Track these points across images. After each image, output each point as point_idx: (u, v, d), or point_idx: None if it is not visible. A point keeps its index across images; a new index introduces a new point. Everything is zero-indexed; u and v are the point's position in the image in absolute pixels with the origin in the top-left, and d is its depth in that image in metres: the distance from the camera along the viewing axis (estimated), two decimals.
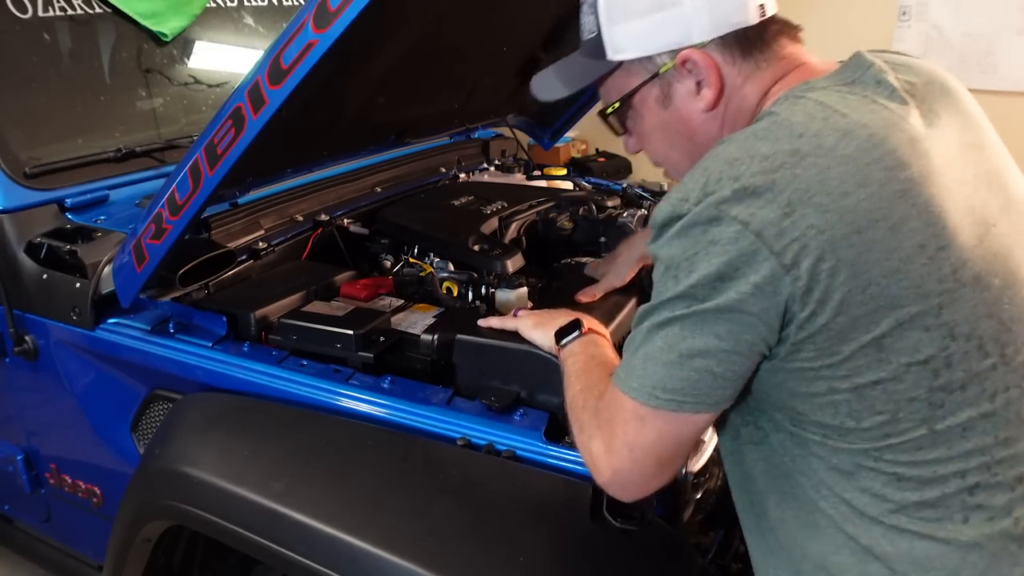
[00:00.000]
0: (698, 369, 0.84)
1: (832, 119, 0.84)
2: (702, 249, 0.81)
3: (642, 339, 0.87)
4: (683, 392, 0.84)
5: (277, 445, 1.22)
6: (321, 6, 1.05)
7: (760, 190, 0.79)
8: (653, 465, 0.89)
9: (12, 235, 1.54)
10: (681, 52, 0.94)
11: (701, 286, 0.81)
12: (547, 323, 1.21)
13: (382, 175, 2.10)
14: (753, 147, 0.83)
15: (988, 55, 3.26)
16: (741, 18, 0.93)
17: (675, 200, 0.84)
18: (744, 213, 0.79)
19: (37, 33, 1.71)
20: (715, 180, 0.82)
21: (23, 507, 1.92)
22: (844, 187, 0.80)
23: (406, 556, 0.99)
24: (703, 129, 0.99)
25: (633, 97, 1.00)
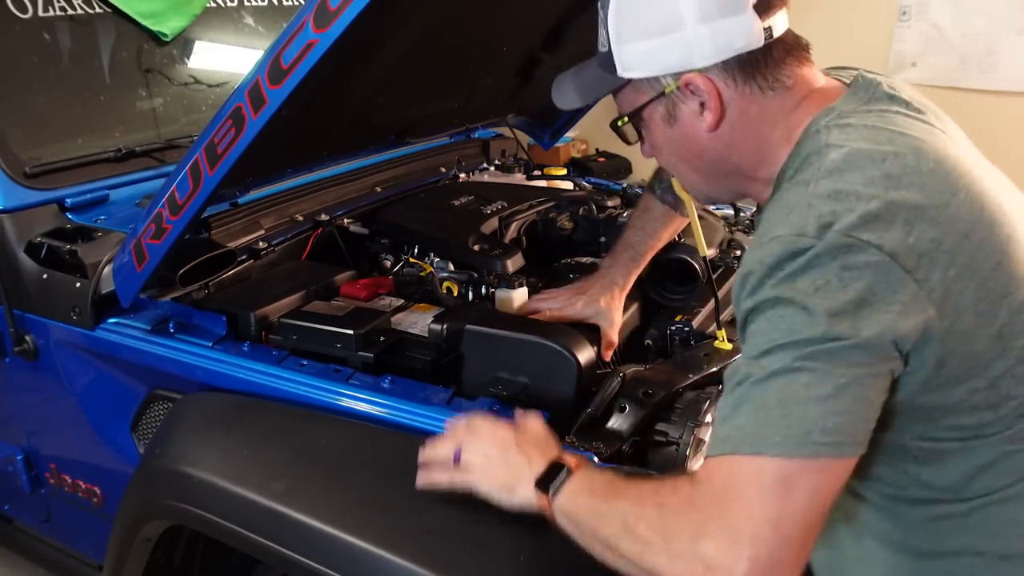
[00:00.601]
0: (856, 399, 0.79)
1: (897, 140, 0.88)
2: (835, 276, 0.79)
3: (768, 387, 0.80)
4: (842, 430, 0.78)
5: (277, 445, 1.22)
6: (321, 6, 1.05)
7: (880, 214, 0.81)
8: (801, 539, 0.77)
9: (12, 235, 1.54)
10: (684, 75, 0.96)
11: (843, 314, 0.78)
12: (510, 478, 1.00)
13: (382, 175, 2.10)
14: (848, 179, 0.84)
15: (988, 55, 3.26)
16: (744, 43, 0.94)
17: (787, 236, 0.82)
18: (874, 237, 0.79)
19: (37, 33, 1.71)
20: (830, 212, 0.81)
21: (23, 507, 1.92)
22: (943, 198, 0.84)
23: (406, 556, 0.99)
24: (709, 147, 1.00)
25: (641, 113, 1.03)
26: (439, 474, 1.05)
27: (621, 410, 1.17)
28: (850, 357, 0.78)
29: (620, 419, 1.16)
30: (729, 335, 1.36)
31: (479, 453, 1.03)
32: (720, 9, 0.93)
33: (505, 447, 1.02)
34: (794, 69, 0.97)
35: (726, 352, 1.33)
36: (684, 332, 1.40)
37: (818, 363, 0.78)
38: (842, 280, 0.79)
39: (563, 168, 2.50)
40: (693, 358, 1.32)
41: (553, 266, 1.73)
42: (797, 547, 0.77)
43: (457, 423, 1.11)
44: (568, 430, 1.18)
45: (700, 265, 1.46)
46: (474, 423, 1.08)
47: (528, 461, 1.00)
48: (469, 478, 1.03)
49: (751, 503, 0.77)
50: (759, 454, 0.78)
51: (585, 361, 1.24)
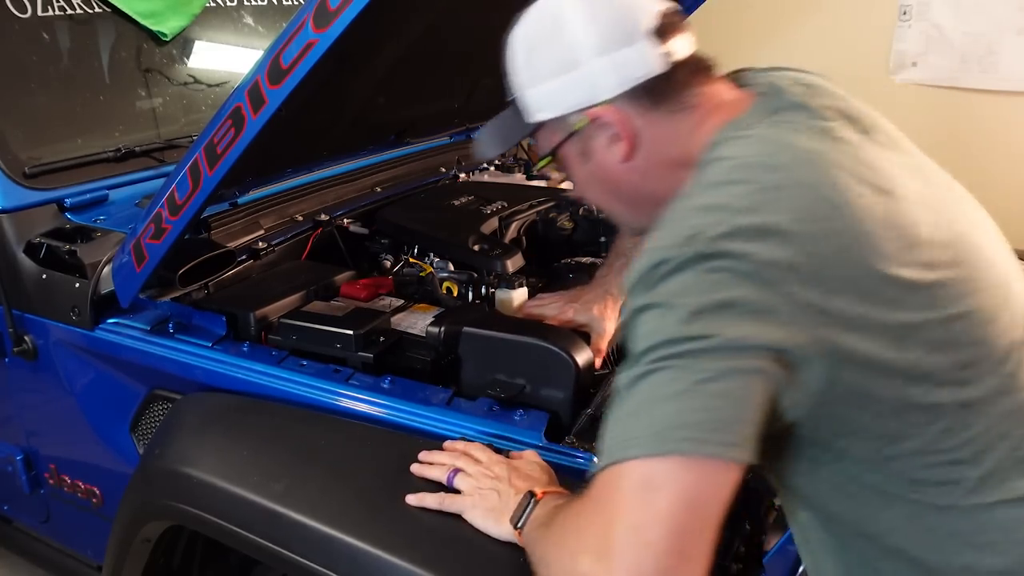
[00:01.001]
0: (718, 395, 0.74)
1: (785, 152, 0.85)
2: (698, 283, 0.78)
3: (634, 392, 0.78)
4: (703, 427, 0.73)
5: (277, 445, 1.22)
6: (321, 6, 1.05)
7: (750, 227, 0.79)
8: (673, 546, 0.71)
9: (11, 235, 1.54)
10: (590, 110, 0.96)
11: (705, 314, 0.76)
12: (498, 507, 1.00)
13: (382, 175, 2.10)
14: (722, 193, 0.83)
15: (988, 55, 3.25)
16: (645, 71, 0.94)
17: (657, 249, 0.81)
18: (740, 248, 0.78)
19: (37, 33, 1.71)
20: (699, 224, 0.80)
21: (22, 507, 1.92)
22: (822, 213, 0.81)
23: (405, 557, 0.98)
24: (625, 179, 1.00)
25: (558, 153, 1.04)
26: (430, 497, 1.05)
27: None
28: (713, 354, 0.75)
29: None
30: None
31: (472, 482, 1.04)
32: (616, 41, 0.94)
33: (498, 479, 1.03)
34: (700, 88, 0.97)
35: None
36: None
37: (679, 360, 0.75)
38: (706, 284, 0.77)
39: None
40: None
41: (553, 266, 1.73)
42: (673, 555, 0.71)
43: (456, 445, 1.12)
44: (568, 431, 1.17)
45: None
46: (472, 450, 1.10)
47: (516, 495, 0.99)
48: (459, 505, 1.03)
49: (615, 511, 0.73)
50: (624, 460, 0.74)
51: (583, 363, 1.24)
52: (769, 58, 1.05)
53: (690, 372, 0.75)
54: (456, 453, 1.10)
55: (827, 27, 3.09)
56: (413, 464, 1.11)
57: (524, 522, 0.94)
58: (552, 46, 0.97)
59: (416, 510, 1.05)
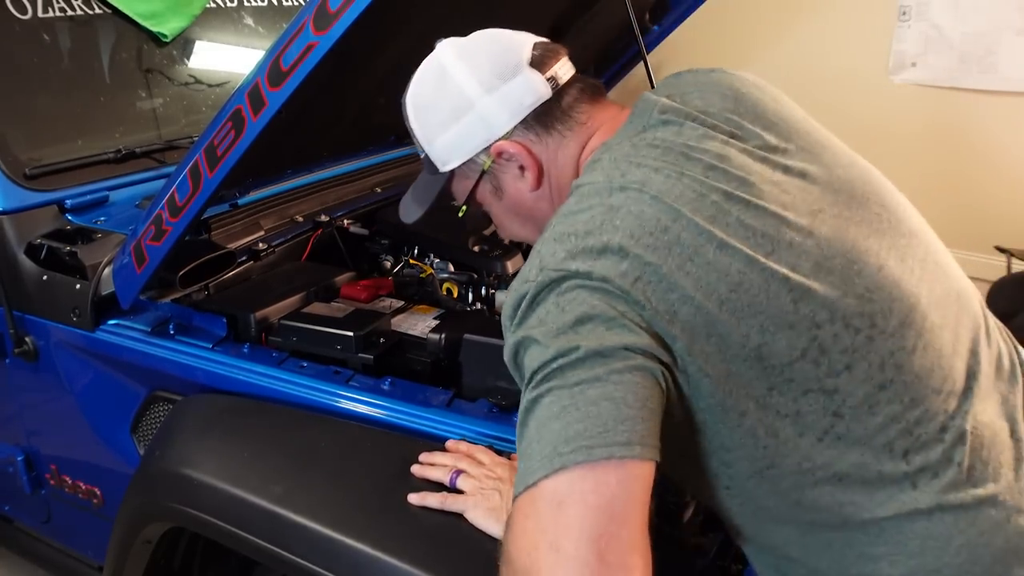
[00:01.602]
0: (595, 400, 0.75)
1: (631, 172, 0.88)
2: (554, 307, 0.82)
3: (526, 423, 0.79)
4: (586, 434, 0.74)
5: (277, 447, 1.22)
6: (321, 8, 1.05)
7: (594, 249, 0.83)
8: (592, 558, 0.69)
9: (12, 236, 1.54)
10: (491, 147, 1.02)
11: (563, 334, 0.79)
12: (500, 506, 1.01)
13: (382, 175, 2.10)
14: (572, 220, 0.87)
15: (988, 55, 3.25)
16: (532, 99, 1.00)
17: (515, 288, 0.86)
18: (584, 267, 0.82)
19: (37, 34, 1.71)
20: (549, 255, 0.85)
21: (23, 508, 1.92)
22: (662, 224, 0.83)
23: (405, 558, 0.99)
24: (537, 207, 1.05)
25: (474, 197, 1.09)
26: (432, 496, 1.06)
27: None
28: (582, 364, 0.77)
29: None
30: None
31: (474, 483, 1.05)
32: (500, 76, 1.00)
33: (500, 480, 1.04)
34: (586, 108, 1.02)
35: None
36: None
37: (554, 380, 0.78)
38: (559, 307, 0.81)
39: None
40: None
41: None
42: (593, 562, 0.69)
43: (458, 446, 1.13)
44: None
45: None
46: (475, 451, 1.11)
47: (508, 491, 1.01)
48: (462, 505, 1.04)
49: (533, 534, 0.72)
50: (530, 486, 0.74)
51: None
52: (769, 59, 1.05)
53: (565, 387, 0.77)
54: (458, 455, 1.11)
55: (826, 27, 3.09)
56: (414, 465, 1.11)
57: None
58: (443, 97, 1.03)
59: (417, 512, 1.05)
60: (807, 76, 3.90)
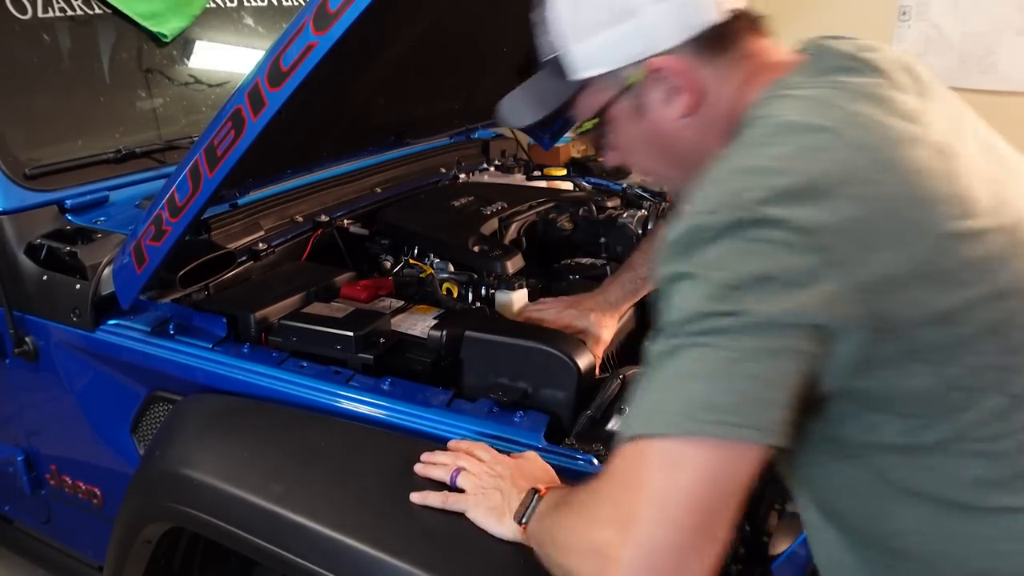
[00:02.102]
0: (750, 377, 0.72)
1: (832, 113, 0.81)
2: (736, 253, 0.74)
3: (664, 366, 0.75)
4: (732, 410, 0.71)
5: (277, 447, 1.22)
6: (321, 8, 1.05)
7: (792, 189, 0.75)
8: (695, 523, 0.71)
9: (12, 236, 1.54)
10: (648, 61, 0.90)
11: (740, 289, 0.73)
12: (501, 506, 1.00)
13: (382, 176, 2.10)
14: (764, 153, 0.79)
15: (988, 55, 3.26)
16: (708, 17, 0.89)
17: (698, 213, 0.77)
18: (783, 212, 0.74)
19: (37, 34, 1.71)
20: (740, 188, 0.76)
21: (23, 508, 1.92)
22: (868, 174, 0.77)
23: (405, 559, 0.99)
24: (683, 136, 0.94)
25: (606, 113, 0.96)
26: (433, 495, 1.05)
27: (621, 412, 1.17)
28: (746, 333, 0.72)
29: (620, 421, 1.16)
30: None
31: (475, 481, 1.04)
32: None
33: (501, 478, 1.03)
34: (752, 43, 0.92)
35: None
36: None
37: (710, 338, 0.73)
38: (743, 254, 0.74)
39: (563, 168, 2.49)
40: None
41: (553, 267, 1.73)
42: (692, 531, 0.71)
43: (459, 444, 1.12)
44: (568, 433, 1.18)
45: None
46: (476, 449, 1.10)
47: (518, 493, 0.99)
48: (463, 505, 1.03)
49: (639, 485, 0.73)
50: (651, 436, 0.74)
51: (584, 366, 1.24)
52: None
53: (722, 351, 0.73)
54: (459, 453, 1.10)
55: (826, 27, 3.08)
56: (417, 465, 1.11)
57: (528, 517, 0.94)
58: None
59: (417, 511, 1.05)
60: None
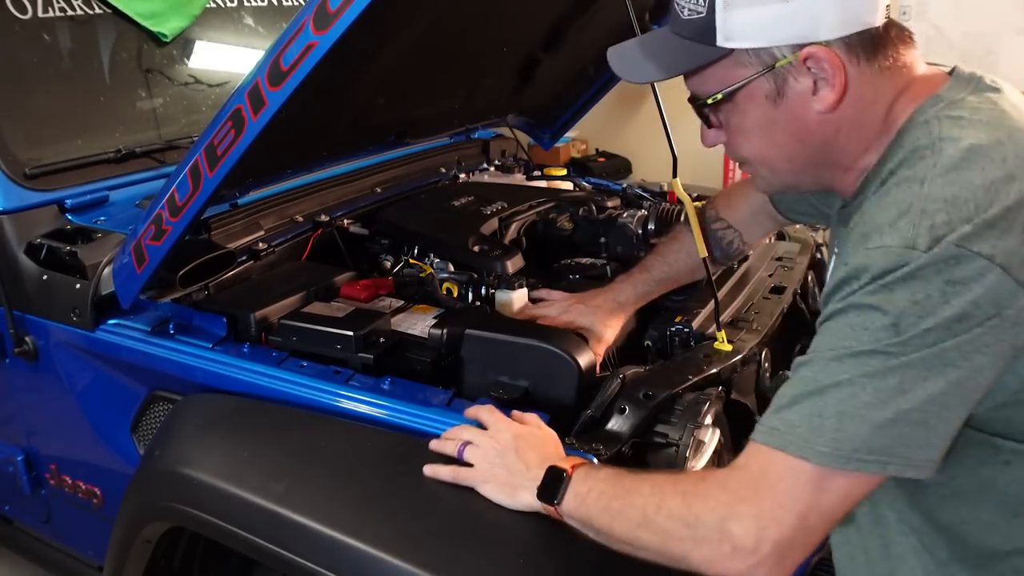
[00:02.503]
0: (914, 423, 0.77)
1: (1016, 135, 0.83)
2: (937, 291, 0.76)
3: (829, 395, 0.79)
4: (889, 451, 0.78)
5: (277, 446, 1.22)
6: (321, 8, 1.05)
7: (997, 221, 0.76)
8: (824, 530, 0.82)
9: (12, 236, 1.54)
10: (805, 48, 0.86)
11: (936, 330, 0.75)
12: (511, 481, 1.03)
13: (382, 175, 2.10)
14: (966, 180, 0.79)
15: (988, 55, 3.26)
16: (871, 18, 0.87)
17: (896, 247, 0.78)
18: (987, 247, 0.75)
19: (37, 33, 1.71)
20: (943, 222, 0.77)
21: (23, 508, 1.92)
22: None
23: (406, 558, 0.99)
24: (818, 131, 0.91)
25: (740, 90, 0.91)
26: (443, 469, 1.08)
27: (621, 412, 1.17)
28: (933, 373, 0.76)
29: (620, 421, 1.16)
30: (729, 336, 1.35)
31: (480, 454, 1.07)
32: None
33: (505, 450, 1.06)
34: (903, 52, 0.90)
35: (726, 353, 1.33)
36: (684, 333, 1.40)
37: (889, 379, 0.76)
38: (944, 295, 0.76)
39: (563, 168, 2.49)
40: (693, 359, 1.31)
41: (553, 267, 1.73)
42: (818, 535, 0.81)
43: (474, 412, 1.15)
44: (568, 432, 1.18)
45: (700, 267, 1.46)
46: (481, 413, 1.13)
47: (526, 466, 1.03)
48: (471, 478, 1.06)
49: (784, 495, 0.79)
50: (803, 458, 0.79)
51: (585, 365, 1.24)
52: None
53: (895, 398, 0.76)
54: (465, 427, 1.13)
55: None
56: (432, 441, 1.13)
57: (562, 497, 0.96)
58: None
59: (418, 511, 1.06)
60: None
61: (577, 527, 0.96)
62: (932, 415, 0.77)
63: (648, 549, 0.88)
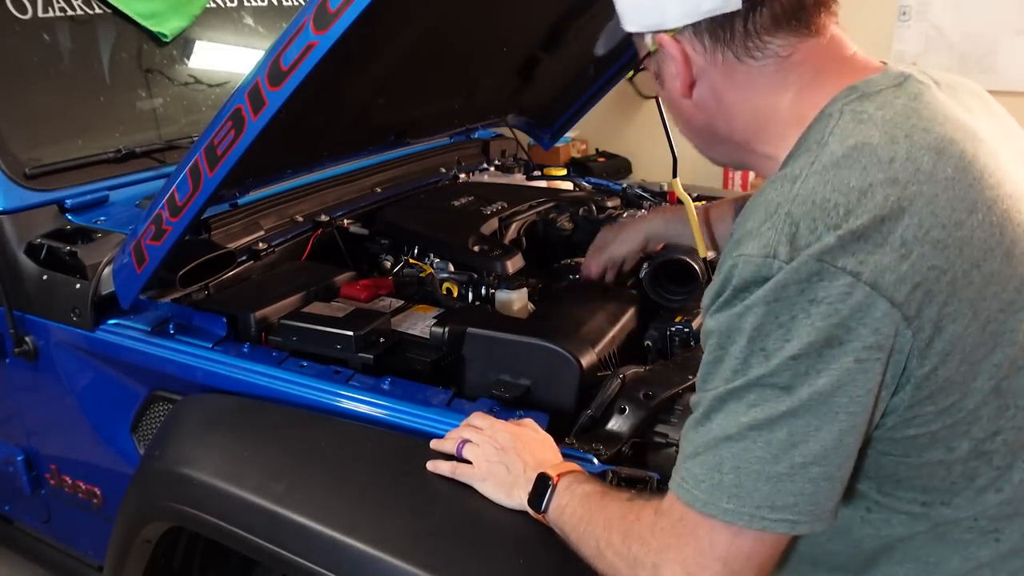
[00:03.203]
0: (815, 478, 0.72)
1: (916, 136, 0.75)
2: (801, 312, 0.69)
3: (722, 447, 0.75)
4: (796, 509, 0.73)
5: (277, 446, 1.22)
6: (321, 7, 1.05)
7: (868, 232, 0.69)
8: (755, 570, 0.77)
9: (12, 236, 1.54)
10: (657, 35, 0.89)
11: (805, 357, 0.69)
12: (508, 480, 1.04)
13: (382, 175, 2.10)
14: (840, 181, 0.72)
15: (988, 55, 3.26)
16: (713, 5, 0.83)
17: (756, 257, 0.72)
18: (853, 262, 0.68)
19: (37, 33, 1.71)
20: (808, 229, 0.70)
21: (23, 508, 1.92)
22: (956, 216, 0.71)
23: (406, 558, 0.99)
24: (692, 113, 0.93)
25: (642, 69, 0.98)
26: (444, 464, 1.10)
27: (621, 412, 1.17)
28: (821, 421, 0.71)
29: (620, 421, 1.17)
30: None
31: (479, 452, 1.08)
32: None
33: (504, 450, 1.06)
34: (791, 38, 0.84)
35: None
36: (684, 333, 1.40)
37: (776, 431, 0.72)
38: (809, 315, 0.69)
39: (563, 168, 2.49)
40: (693, 359, 1.31)
41: (553, 267, 1.73)
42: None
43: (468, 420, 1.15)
44: (568, 432, 1.18)
45: (700, 266, 1.46)
46: (473, 419, 1.14)
47: (523, 467, 1.04)
48: (470, 477, 1.07)
49: (704, 542, 0.76)
50: (711, 516, 0.76)
51: (587, 363, 1.24)
52: None
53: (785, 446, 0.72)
54: (465, 427, 1.14)
55: None
56: (433, 440, 1.14)
57: (546, 506, 0.98)
58: None
59: (418, 511, 1.06)
60: None
61: (559, 534, 0.97)
62: (831, 464, 0.72)
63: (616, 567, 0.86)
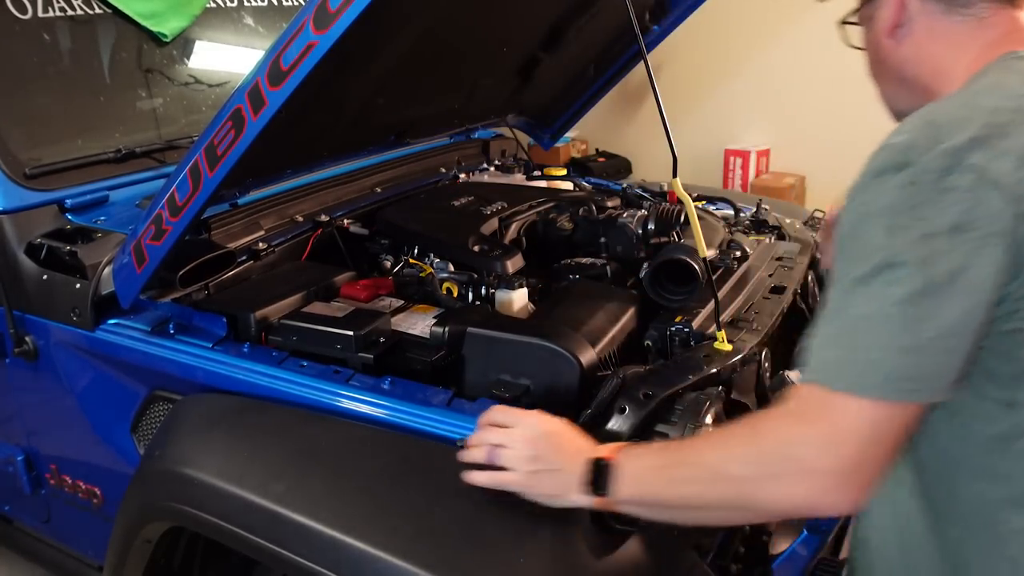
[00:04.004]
0: (944, 351, 0.79)
1: None
2: (932, 199, 0.78)
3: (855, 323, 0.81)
4: (923, 379, 0.80)
5: (277, 446, 1.22)
6: (321, 7, 1.05)
7: (993, 140, 0.79)
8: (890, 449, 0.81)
9: (12, 236, 1.54)
10: None
11: (935, 239, 0.77)
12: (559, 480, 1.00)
13: (382, 175, 2.10)
14: (977, 103, 0.84)
15: None
16: None
17: (899, 147, 0.82)
18: (981, 161, 0.78)
19: (37, 33, 1.71)
20: (946, 132, 0.81)
21: (23, 508, 1.92)
22: None
23: (406, 557, 0.99)
24: (890, 54, 1.02)
25: (859, 12, 1.06)
26: (480, 475, 1.03)
27: (621, 411, 1.17)
28: (947, 298, 0.77)
29: (620, 420, 1.16)
30: (729, 336, 1.35)
31: (513, 456, 1.02)
32: None
33: (538, 449, 1.01)
34: (995, 4, 0.95)
35: (726, 353, 1.33)
36: (684, 333, 1.40)
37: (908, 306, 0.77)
38: (939, 203, 0.78)
39: (563, 168, 2.49)
40: (693, 359, 1.31)
41: (553, 267, 1.73)
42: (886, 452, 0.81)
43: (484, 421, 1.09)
44: None
45: (700, 266, 1.46)
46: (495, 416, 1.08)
47: (563, 462, 1.00)
48: (513, 486, 1.02)
49: (838, 419, 0.80)
50: (847, 392, 0.80)
51: (587, 363, 1.24)
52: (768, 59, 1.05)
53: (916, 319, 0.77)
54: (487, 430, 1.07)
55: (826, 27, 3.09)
56: (461, 451, 1.07)
57: (608, 487, 0.95)
58: None
59: (418, 511, 1.06)
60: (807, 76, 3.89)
61: (635, 511, 0.96)
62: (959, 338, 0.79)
63: (723, 505, 0.88)
